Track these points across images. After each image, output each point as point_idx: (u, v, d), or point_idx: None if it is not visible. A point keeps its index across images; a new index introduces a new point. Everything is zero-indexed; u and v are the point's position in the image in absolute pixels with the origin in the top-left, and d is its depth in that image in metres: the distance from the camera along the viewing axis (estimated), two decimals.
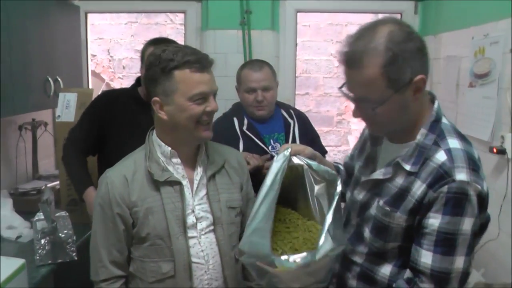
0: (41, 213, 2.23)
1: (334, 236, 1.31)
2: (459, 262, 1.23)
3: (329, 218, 1.33)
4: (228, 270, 1.61)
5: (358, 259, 1.42)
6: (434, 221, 1.22)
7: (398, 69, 1.19)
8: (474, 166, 1.24)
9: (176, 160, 1.56)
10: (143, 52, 2.23)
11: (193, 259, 1.54)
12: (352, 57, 1.23)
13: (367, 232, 1.39)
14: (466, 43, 2.53)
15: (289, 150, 1.43)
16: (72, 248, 2.21)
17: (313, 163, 1.46)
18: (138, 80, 2.37)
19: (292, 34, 3.42)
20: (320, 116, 4.66)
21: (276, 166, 1.41)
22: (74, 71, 3.12)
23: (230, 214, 1.61)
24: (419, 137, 1.28)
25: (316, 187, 1.46)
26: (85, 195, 2.23)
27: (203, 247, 1.56)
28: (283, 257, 1.31)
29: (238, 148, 2.30)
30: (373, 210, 1.36)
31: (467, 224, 1.21)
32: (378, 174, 1.36)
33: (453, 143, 1.27)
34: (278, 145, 2.41)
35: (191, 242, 1.55)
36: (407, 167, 1.28)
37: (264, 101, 2.37)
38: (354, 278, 1.43)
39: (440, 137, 1.28)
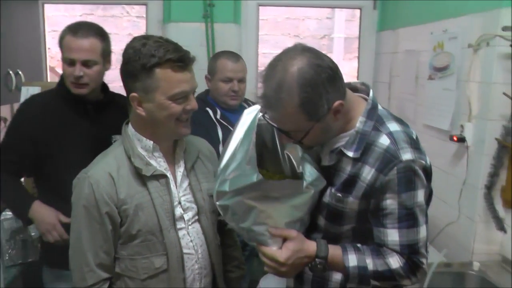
0: (8, 212, 2.16)
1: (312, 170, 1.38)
2: (423, 231, 1.33)
3: (299, 149, 1.41)
4: (215, 257, 1.66)
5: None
6: (392, 201, 1.30)
7: (314, 105, 1.25)
8: (415, 144, 1.33)
9: (158, 153, 1.55)
10: (61, 38, 1.88)
11: (184, 250, 1.56)
12: (269, 101, 1.28)
13: (321, 220, 1.44)
14: (425, 38, 2.67)
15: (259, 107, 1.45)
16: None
17: None
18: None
19: (254, 28, 3.47)
20: None
21: (247, 119, 1.43)
22: (35, 64, 3.03)
23: (211, 202, 1.63)
24: (358, 124, 1.34)
25: (288, 145, 1.47)
26: (32, 213, 1.89)
27: (191, 237, 1.59)
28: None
29: (217, 136, 2.37)
30: (326, 198, 1.40)
31: (420, 196, 1.31)
32: (324, 161, 1.42)
33: (392, 126, 1.35)
34: None
35: (181, 233, 1.57)
36: (350, 154, 1.34)
37: (239, 92, 2.45)
38: None
39: (379, 122, 1.35)
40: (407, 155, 1.29)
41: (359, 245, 1.38)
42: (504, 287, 2.00)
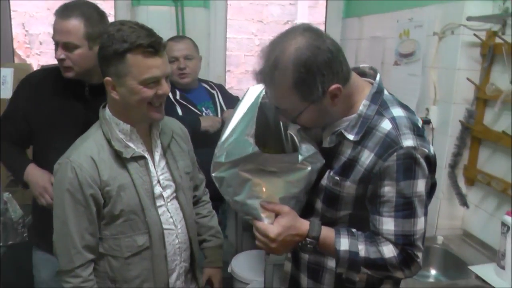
0: None
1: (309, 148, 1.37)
2: (420, 223, 1.28)
3: (294, 127, 1.41)
4: (192, 232, 1.75)
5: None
6: (390, 188, 1.26)
7: (308, 86, 1.25)
8: (418, 131, 1.29)
9: (136, 136, 1.59)
10: None
11: (165, 226, 1.63)
12: (265, 78, 1.29)
13: (318, 203, 1.42)
14: (391, 25, 2.79)
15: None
16: (22, 229, 2.17)
17: None
18: None
19: (223, 12, 3.49)
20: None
21: (251, 96, 1.43)
22: (4, 45, 2.95)
23: (187, 179, 1.74)
24: (361, 108, 1.32)
25: (291, 125, 1.46)
26: (26, 175, 1.93)
27: (171, 213, 1.66)
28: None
29: (176, 114, 2.46)
30: (324, 181, 1.38)
31: (420, 186, 1.26)
32: (325, 143, 1.40)
33: (396, 111, 1.31)
34: (209, 111, 2.66)
35: (160, 210, 1.63)
36: (351, 137, 1.32)
37: (186, 69, 2.57)
38: None
39: (383, 107, 1.32)
40: (408, 141, 1.25)
41: (354, 230, 1.35)
42: (465, 259, 2.15)
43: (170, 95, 2.48)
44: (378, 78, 1.36)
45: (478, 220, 2.30)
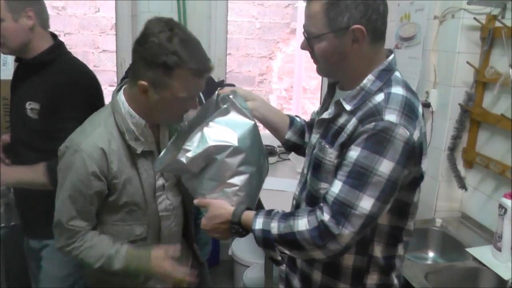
0: None
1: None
2: (366, 202, 1.20)
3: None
4: (189, 208, 1.78)
5: (303, 206, 1.46)
6: (354, 153, 1.22)
7: (337, 11, 1.24)
8: (409, 112, 1.23)
9: (147, 130, 1.57)
10: None
11: (163, 214, 1.65)
12: None
13: (309, 175, 1.43)
14: (392, 9, 2.74)
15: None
16: None
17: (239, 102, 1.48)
18: None
19: None
20: (242, 76, 4.80)
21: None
22: None
23: None
24: (365, 81, 1.30)
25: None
26: None
27: (170, 200, 1.68)
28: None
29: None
30: (315, 150, 1.39)
31: (384, 167, 1.19)
32: (325, 115, 1.39)
33: (396, 89, 1.28)
34: None
35: (160, 199, 1.64)
36: (348, 107, 1.30)
37: None
38: None
39: (386, 85, 1.29)
40: (391, 116, 1.20)
41: (275, 210, 1.35)
42: (463, 241, 2.18)
43: None
44: (390, 58, 1.34)
45: (476, 202, 2.33)
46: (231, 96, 1.46)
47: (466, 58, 2.24)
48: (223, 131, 1.40)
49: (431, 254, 2.34)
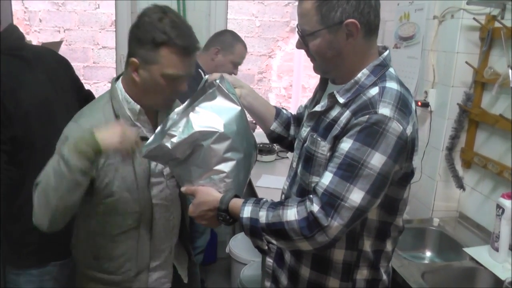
0: None
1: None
2: (356, 195, 1.19)
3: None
4: (186, 206, 1.77)
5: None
6: (345, 145, 1.21)
7: (329, 7, 1.25)
8: (403, 107, 1.23)
9: (144, 117, 1.60)
10: None
11: (162, 202, 1.67)
12: None
13: (300, 168, 1.42)
14: (391, 9, 2.79)
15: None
16: None
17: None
18: None
19: None
20: (241, 75, 4.78)
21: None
22: (3, 22, 2.94)
23: None
24: (359, 75, 1.30)
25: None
26: None
27: (170, 190, 1.69)
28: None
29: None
30: (306, 143, 1.39)
31: (375, 160, 1.19)
32: (317, 107, 1.39)
33: (391, 84, 1.28)
34: None
35: (160, 187, 1.65)
36: (341, 100, 1.30)
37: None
38: None
39: (380, 80, 1.29)
40: (385, 110, 1.20)
41: (263, 199, 1.34)
42: (460, 240, 2.18)
43: (203, 75, 2.59)
44: (385, 54, 1.35)
45: (474, 202, 2.33)
46: (217, 81, 1.45)
47: (465, 58, 2.24)
48: (209, 116, 1.38)
49: (428, 253, 2.34)
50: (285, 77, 4.93)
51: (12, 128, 1.72)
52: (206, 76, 1.56)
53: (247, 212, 1.30)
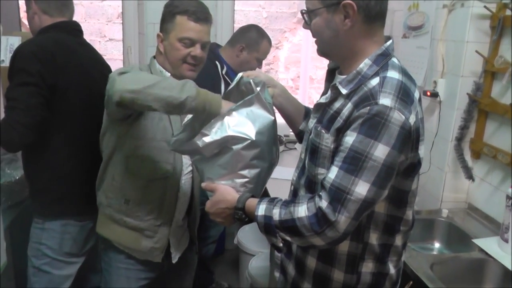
0: None
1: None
2: (362, 187, 1.19)
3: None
4: (196, 188, 1.98)
5: (302, 192, 1.46)
6: (349, 138, 1.21)
7: None
8: (404, 96, 1.22)
9: None
10: None
11: (190, 167, 1.90)
12: None
13: (307, 160, 1.42)
14: None
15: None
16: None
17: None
18: None
19: None
20: None
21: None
22: (10, 15, 2.96)
23: None
24: (362, 65, 1.30)
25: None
26: None
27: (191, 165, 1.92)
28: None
29: (220, 91, 2.56)
30: (311, 135, 1.40)
31: (379, 151, 1.18)
32: (322, 99, 1.41)
33: (392, 73, 1.26)
34: None
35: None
36: (344, 91, 1.31)
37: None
38: None
39: (382, 69, 1.28)
40: (385, 100, 1.20)
41: (278, 198, 1.35)
42: (469, 232, 2.17)
43: (219, 68, 2.71)
44: (388, 43, 1.34)
45: (483, 193, 2.31)
46: (258, 88, 1.46)
47: (475, 47, 2.21)
48: (244, 122, 1.42)
49: (437, 244, 2.33)
50: (292, 69, 4.90)
51: (56, 77, 1.90)
52: (241, 74, 1.58)
53: (261, 210, 1.33)
